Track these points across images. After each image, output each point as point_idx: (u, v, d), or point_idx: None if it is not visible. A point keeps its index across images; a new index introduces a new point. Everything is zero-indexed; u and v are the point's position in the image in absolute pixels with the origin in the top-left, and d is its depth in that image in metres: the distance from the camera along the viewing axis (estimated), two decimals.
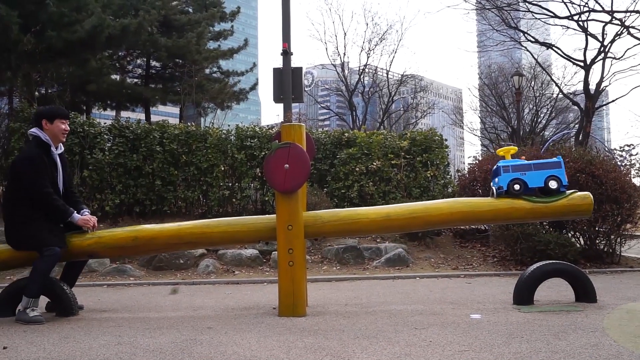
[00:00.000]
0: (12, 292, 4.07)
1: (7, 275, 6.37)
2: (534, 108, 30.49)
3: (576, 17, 16.48)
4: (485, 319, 3.80)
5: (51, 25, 10.49)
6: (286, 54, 10.99)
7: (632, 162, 7.97)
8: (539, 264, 4.37)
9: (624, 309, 4.07)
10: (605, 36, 16.53)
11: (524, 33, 19.16)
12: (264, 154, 8.23)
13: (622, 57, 16.82)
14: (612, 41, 16.50)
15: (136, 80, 19.60)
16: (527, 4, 17.22)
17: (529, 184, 4.12)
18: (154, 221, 7.70)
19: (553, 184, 4.10)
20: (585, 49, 17.23)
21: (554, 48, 18.72)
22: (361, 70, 30.37)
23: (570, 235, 7.20)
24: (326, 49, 76.66)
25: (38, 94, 11.59)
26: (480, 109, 32.39)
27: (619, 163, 7.75)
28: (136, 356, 2.91)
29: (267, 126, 9.85)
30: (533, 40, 18.69)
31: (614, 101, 20.08)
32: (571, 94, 24.32)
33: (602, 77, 17.13)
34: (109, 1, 12.55)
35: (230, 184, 8.62)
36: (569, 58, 18.27)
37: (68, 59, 11.84)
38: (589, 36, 16.83)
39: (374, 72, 31.72)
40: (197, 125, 9.26)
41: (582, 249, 7.11)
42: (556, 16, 17.08)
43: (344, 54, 30.37)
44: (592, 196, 4.20)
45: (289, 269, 3.94)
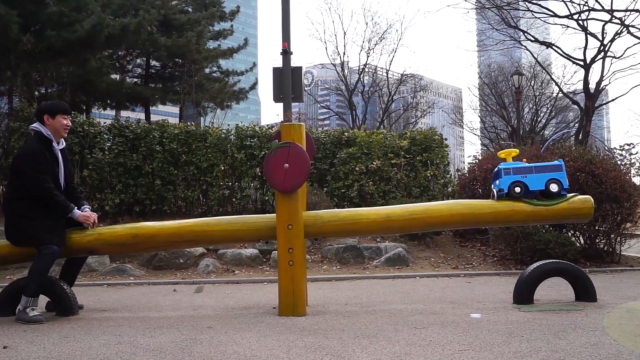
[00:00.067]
0: (12, 291, 4.06)
1: (7, 274, 6.38)
2: (534, 107, 30.51)
3: (576, 16, 16.49)
4: (485, 318, 3.80)
5: (51, 24, 10.48)
6: (286, 53, 10.99)
7: (632, 161, 7.98)
8: (539, 263, 4.37)
9: (624, 308, 4.07)
10: (605, 35, 16.56)
11: (523, 32, 19.17)
12: (263, 153, 8.23)
13: (621, 56, 16.79)
14: (612, 40, 16.51)
15: (136, 79, 19.58)
16: (526, 3, 17.22)
17: (530, 186, 4.11)
18: (153, 220, 7.68)
19: (554, 187, 4.09)
20: (585, 48, 17.25)
21: (553, 47, 18.73)
22: (361, 70, 30.35)
23: (570, 234, 7.20)
24: (326, 48, 76.71)
25: (38, 93, 11.57)
26: (480, 108, 32.42)
27: (618, 162, 7.76)
28: (136, 355, 2.91)
29: (267, 126, 9.85)
30: (533, 39, 18.70)
31: (613, 100, 20.09)
32: (571, 93, 24.34)
33: (602, 76, 17.14)
34: (109, 1, 12.53)
35: (230, 184, 8.62)
36: (568, 57, 18.28)
37: (68, 59, 11.83)
38: (588, 35, 16.85)
39: (373, 71, 31.72)
40: (197, 125, 9.26)
41: (582, 248, 7.11)
42: (556, 15, 17.09)
43: (343, 53, 30.44)
44: (592, 200, 4.20)
45: (289, 268, 3.94)
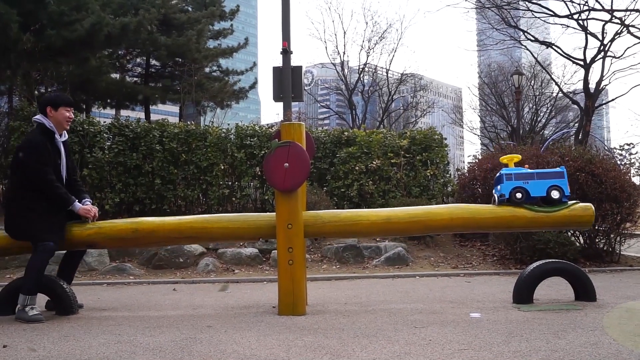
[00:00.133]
0: (12, 290, 4.06)
1: (7, 273, 6.38)
2: (534, 107, 30.54)
3: (576, 16, 16.49)
4: (484, 317, 3.80)
5: (51, 23, 10.49)
6: (286, 52, 10.98)
7: (632, 161, 7.98)
8: (538, 263, 4.37)
9: (624, 308, 4.07)
10: (605, 35, 16.56)
11: (523, 32, 19.17)
12: (263, 152, 8.23)
13: (621, 56, 16.80)
14: (612, 40, 16.50)
15: (136, 79, 19.59)
16: (526, 2, 17.22)
17: (531, 192, 4.10)
18: None
19: (555, 194, 4.09)
20: (585, 47, 17.25)
21: (553, 47, 18.74)
22: (361, 69, 30.36)
23: (569, 234, 7.19)
24: (326, 47, 76.61)
25: (38, 92, 11.58)
26: (480, 107, 32.45)
27: (618, 162, 7.76)
28: (136, 355, 2.91)
29: (267, 125, 9.84)
30: (533, 39, 18.70)
31: (613, 100, 20.10)
32: (571, 92, 24.35)
33: (602, 76, 17.15)
34: (109, 0, 12.53)
35: (230, 183, 8.62)
36: (568, 57, 18.27)
37: (67, 58, 11.83)
38: (588, 35, 16.85)
39: (373, 71, 31.73)
40: (196, 124, 9.26)
41: (582, 248, 7.11)
42: (556, 15, 17.09)
43: (343, 52, 30.52)
44: (593, 208, 4.20)
45: (288, 267, 3.94)
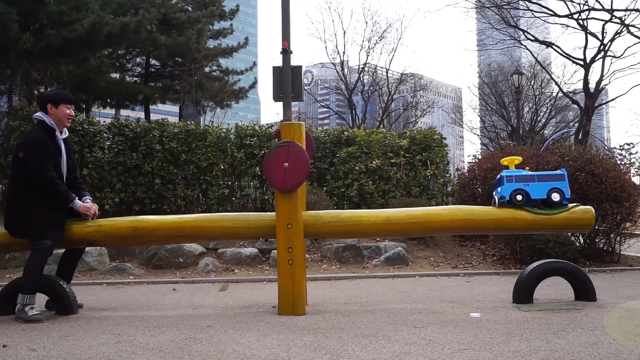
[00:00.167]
0: (12, 290, 4.05)
1: (7, 273, 6.38)
2: (534, 107, 30.53)
3: (576, 16, 16.48)
4: (484, 317, 3.80)
5: (50, 23, 10.48)
6: (286, 52, 10.98)
7: (632, 160, 7.98)
8: (538, 263, 4.37)
9: (624, 308, 4.07)
10: (605, 35, 16.54)
11: (523, 32, 19.16)
12: (263, 152, 8.23)
13: (621, 55, 16.77)
14: (612, 40, 16.49)
15: (136, 78, 19.59)
16: (526, 2, 17.21)
17: (532, 195, 4.10)
18: None
19: (556, 197, 4.09)
20: (585, 47, 17.23)
21: (553, 47, 18.72)
22: (361, 69, 30.35)
23: (569, 234, 7.19)
24: (326, 47, 76.56)
25: (37, 92, 11.56)
26: (479, 107, 32.43)
27: (618, 162, 7.76)
28: (136, 354, 2.91)
29: (267, 125, 9.83)
30: (533, 38, 18.69)
31: (613, 100, 20.09)
32: (571, 92, 24.34)
33: (602, 75, 17.13)
34: None
35: (229, 183, 8.62)
36: (568, 57, 18.26)
37: (67, 58, 11.83)
38: (588, 35, 16.83)
39: (373, 70, 31.70)
40: (196, 124, 9.25)
41: (582, 248, 7.11)
42: (556, 15, 17.08)
43: (343, 52, 30.52)
44: (594, 211, 4.20)
45: (288, 267, 3.94)
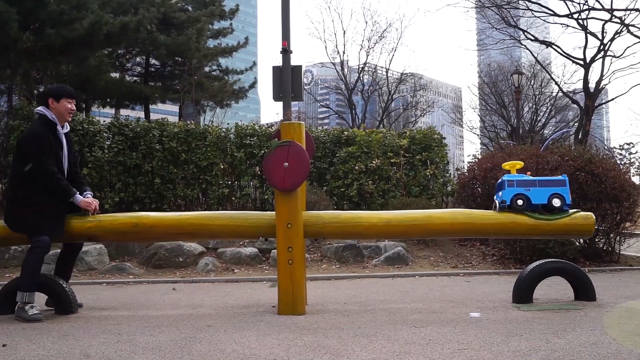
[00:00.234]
0: (11, 289, 4.05)
1: (7, 272, 6.38)
2: (534, 106, 30.51)
3: (576, 15, 16.47)
4: (484, 317, 3.80)
5: (50, 22, 10.48)
6: (286, 52, 10.97)
7: (632, 160, 7.99)
8: (538, 263, 4.37)
9: (623, 308, 4.08)
10: (605, 34, 16.53)
11: (523, 31, 19.16)
12: (263, 152, 8.23)
13: (621, 55, 16.75)
14: (612, 39, 16.48)
15: (135, 78, 19.56)
16: (526, 2, 17.21)
17: (533, 200, 4.10)
18: None
19: (556, 202, 4.09)
20: (585, 47, 17.22)
21: (553, 46, 18.71)
22: (360, 69, 30.33)
23: None
24: (325, 47, 76.35)
25: (37, 91, 11.56)
26: (479, 107, 32.42)
27: (618, 161, 7.77)
28: (135, 354, 2.91)
29: (267, 124, 9.82)
30: (533, 38, 18.68)
31: (613, 99, 20.07)
32: (571, 92, 24.31)
33: (602, 75, 17.12)
34: None
35: (229, 182, 8.62)
36: (568, 56, 18.25)
37: (67, 57, 11.82)
38: (588, 34, 16.82)
39: (373, 70, 31.67)
40: (196, 124, 9.25)
41: (582, 248, 7.11)
42: (556, 14, 17.07)
43: (343, 52, 30.48)
44: (594, 217, 4.21)
45: (288, 267, 3.94)
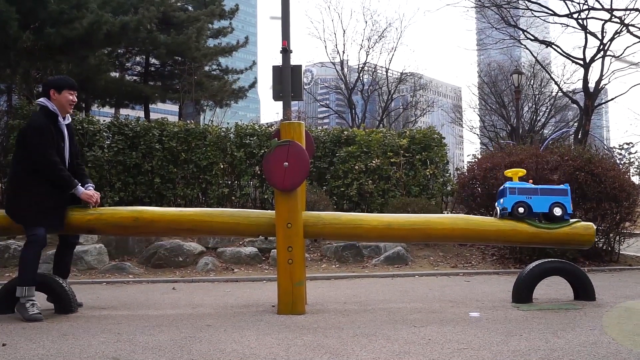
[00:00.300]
0: (11, 289, 4.05)
1: (7, 272, 6.38)
2: (533, 106, 30.53)
3: (576, 15, 16.47)
4: (484, 317, 3.80)
5: (50, 22, 10.48)
6: (285, 52, 10.98)
7: (631, 160, 7.98)
8: (538, 262, 4.37)
9: (623, 307, 4.08)
10: (604, 34, 16.53)
11: (523, 31, 19.15)
12: (263, 151, 8.23)
13: (621, 55, 16.77)
14: (612, 39, 16.47)
15: (135, 77, 19.57)
16: (526, 1, 17.20)
17: (534, 208, 4.10)
18: None
19: (557, 211, 4.09)
20: (585, 47, 17.22)
21: (553, 46, 18.71)
22: (360, 69, 30.31)
23: None
24: (325, 47, 76.25)
25: (37, 91, 11.56)
26: (479, 107, 32.43)
27: (618, 161, 7.76)
28: (135, 353, 2.91)
29: (267, 124, 9.81)
30: (532, 38, 18.68)
31: (613, 99, 20.07)
32: (570, 92, 24.32)
33: (602, 75, 17.12)
34: None
35: (229, 182, 8.62)
36: (568, 56, 18.25)
37: (67, 56, 11.82)
38: (588, 34, 16.82)
39: (373, 70, 31.65)
40: (196, 123, 9.25)
41: None
42: (555, 14, 17.07)
43: (343, 52, 30.36)
44: (595, 227, 4.22)
45: (288, 267, 3.94)
